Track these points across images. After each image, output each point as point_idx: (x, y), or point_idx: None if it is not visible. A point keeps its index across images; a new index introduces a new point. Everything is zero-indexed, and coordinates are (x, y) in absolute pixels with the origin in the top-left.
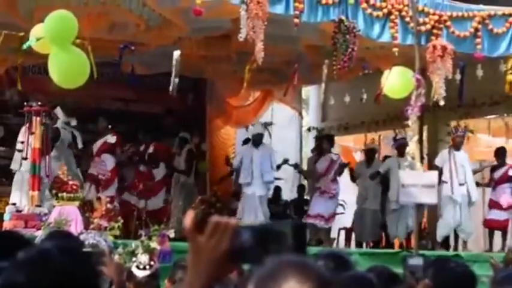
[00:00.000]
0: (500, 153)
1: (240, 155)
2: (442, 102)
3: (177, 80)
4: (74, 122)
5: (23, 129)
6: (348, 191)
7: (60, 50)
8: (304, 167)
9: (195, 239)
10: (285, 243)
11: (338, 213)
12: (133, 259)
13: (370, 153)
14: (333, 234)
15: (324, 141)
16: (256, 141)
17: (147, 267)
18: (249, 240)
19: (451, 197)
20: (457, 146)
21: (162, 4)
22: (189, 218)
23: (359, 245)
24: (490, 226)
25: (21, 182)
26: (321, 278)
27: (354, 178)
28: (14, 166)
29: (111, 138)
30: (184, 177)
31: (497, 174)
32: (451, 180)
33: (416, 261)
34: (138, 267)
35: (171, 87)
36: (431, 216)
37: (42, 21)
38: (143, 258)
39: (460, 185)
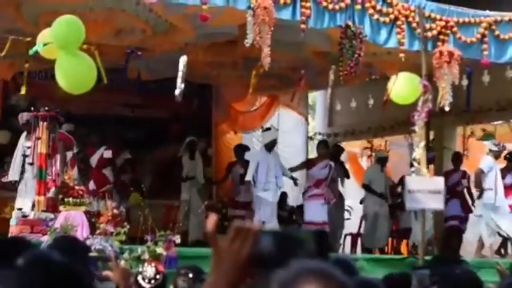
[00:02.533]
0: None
1: (255, 161)
2: (447, 108)
3: (183, 85)
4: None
5: (24, 135)
6: (353, 196)
7: (67, 55)
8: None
9: (217, 243)
10: (307, 249)
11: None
12: (140, 268)
13: (384, 161)
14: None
15: (319, 147)
16: (272, 146)
17: (152, 281)
18: (270, 245)
19: (493, 205)
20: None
21: (168, 10)
22: (211, 222)
23: (368, 251)
24: None
25: (25, 188)
26: (341, 285)
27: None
28: (12, 177)
29: (107, 153)
30: (200, 182)
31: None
32: (495, 188)
33: (423, 270)
34: (143, 279)
35: (176, 93)
36: (438, 222)
37: (48, 26)
38: (149, 270)
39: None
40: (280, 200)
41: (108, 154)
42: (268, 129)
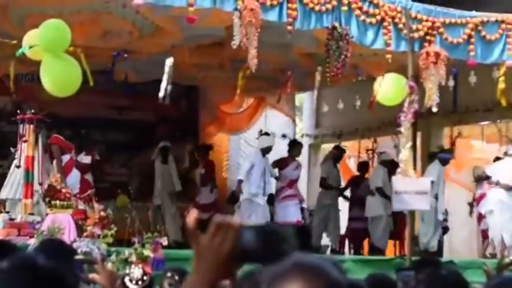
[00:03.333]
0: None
1: (249, 162)
2: (435, 109)
3: (169, 87)
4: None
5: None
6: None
7: (52, 58)
8: None
9: (197, 239)
10: (289, 244)
11: None
12: (127, 270)
13: (388, 164)
14: (326, 241)
15: (296, 147)
16: (267, 152)
17: (140, 282)
18: (252, 240)
19: None
20: None
21: (155, 12)
22: (191, 218)
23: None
24: None
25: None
26: (331, 280)
27: None
28: (3, 194)
29: (86, 158)
30: (179, 186)
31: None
32: None
33: (408, 271)
34: (130, 280)
35: (161, 95)
36: None
37: (34, 28)
38: (136, 272)
39: None
40: (268, 202)
41: (87, 160)
42: (267, 134)
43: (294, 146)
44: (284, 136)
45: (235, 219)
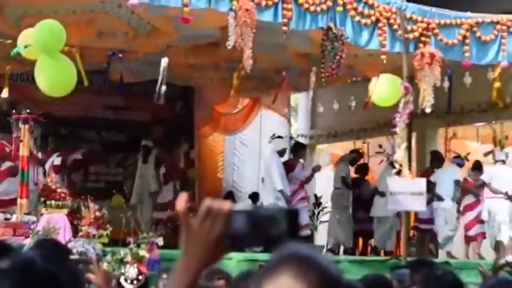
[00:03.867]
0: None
1: (276, 168)
2: (428, 110)
3: (164, 87)
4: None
5: None
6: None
7: (47, 58)
8: None
9: (188, 222)
10: (278, 228)
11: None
12: (123, 269)
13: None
14: (322, 241)
15: (301, 148)
16: (283, 155)
17: (135, 282)
18: (242, 224)
19: None
20: None
21: (150, 12)
22: (181, 201)
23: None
24: None
25: None
26: (324, 274)
27: None
28: None
29: (57, 160)
30: (154, 186)
31: None
32: None
33: (403, 270)
34: (126, 280)
35: (155, 95)
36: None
37: (30, 28)
38: (132, 271)
39: None
40: (252, 200)
41: (58, 161)
42: (280, 137)
43: (299, 148)
44: (280, 137)
45: (226, 203)
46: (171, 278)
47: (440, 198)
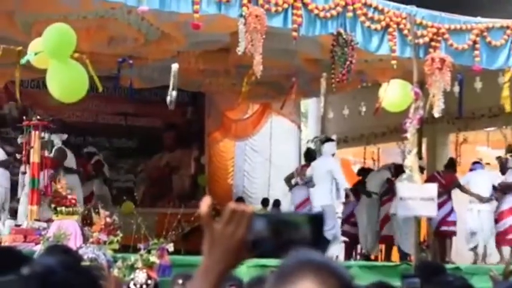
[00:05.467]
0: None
1: (340, 170)
2: (437, 115)
3: (175, 93)
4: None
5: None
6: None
7: (58, 64)
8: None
9: (210, 226)
10: (301, 233)
11: None
12: (132, 275)
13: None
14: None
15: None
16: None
17: (144, 286)
18: (264, 229)
19: None
20: None
21: (160, 18)
22: (205, 205)
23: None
24: None
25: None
26: (341, 280)
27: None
28: None
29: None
30: (101, 189)
31: None
32: None
33: (415, 278)
34: (135, 284)
35: (168, 101)
36: (431, 229)
37: (40, 35)
38: (140, 276)
39: None
40: (273, 207)
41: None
42: (332, 140)
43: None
44: (331, 140)
45: (249, 207)
46: (193, 282)
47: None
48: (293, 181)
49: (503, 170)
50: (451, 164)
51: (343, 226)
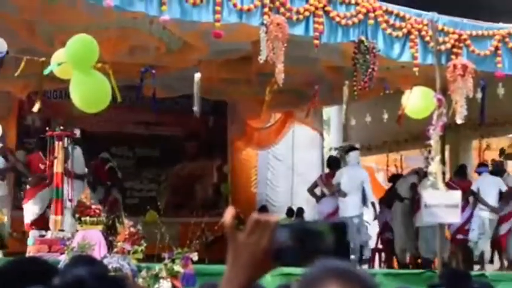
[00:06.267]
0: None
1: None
2: (459, 121)
3: (198, 102)
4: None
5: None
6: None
7: (81, 74)
8: None
9: (234, 236)
10: (325, 242)
11: None
12: (156, 284)
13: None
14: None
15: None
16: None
17: None
18: (287, 239)
19: None
20: None
21: (182, 27)
22: (229, 215)
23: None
24: None
25: None
26: (365, 286)
27: None
28: None
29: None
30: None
31: None
32: None
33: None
34: None
35: (195, 109)
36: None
37: (63, 45)
38: (165, 285)
39: None
40: (297, 215)
41: None
42: (356, 148)
43: (335, 162)
44: (356, 148)
45: (273, 217)
46: None
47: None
48: (317, 191)
49: (501, 173)
50: (462, 171)
51: (382, 234)
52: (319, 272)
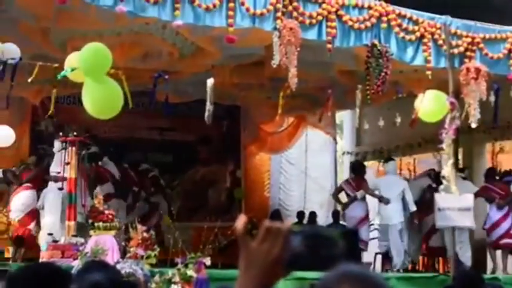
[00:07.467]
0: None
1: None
2: (474, 125)
3: (211, 107)
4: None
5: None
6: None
7: (93, 81)
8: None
9: (247, 243)
10: (336, 248)
11: (373, 238)
12: None
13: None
14: (370, 258)
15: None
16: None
17: None
18: (299, 245)
19: None
20: None
21: (194, 32)
22: (240, 223)
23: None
24: None
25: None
26: None
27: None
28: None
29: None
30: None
31: None
32: None
33: None
34: None
35: (206, 115)
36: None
37: (76, 51)
38: None
39: None
40: (309, 220)
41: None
42: (393, 159)
43: (360, 167)
44: (392, 159)
45: (285, 224)
46: None
47: None
48: (345, 195)
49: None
50: (492, 173)
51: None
52: (335, 277)
